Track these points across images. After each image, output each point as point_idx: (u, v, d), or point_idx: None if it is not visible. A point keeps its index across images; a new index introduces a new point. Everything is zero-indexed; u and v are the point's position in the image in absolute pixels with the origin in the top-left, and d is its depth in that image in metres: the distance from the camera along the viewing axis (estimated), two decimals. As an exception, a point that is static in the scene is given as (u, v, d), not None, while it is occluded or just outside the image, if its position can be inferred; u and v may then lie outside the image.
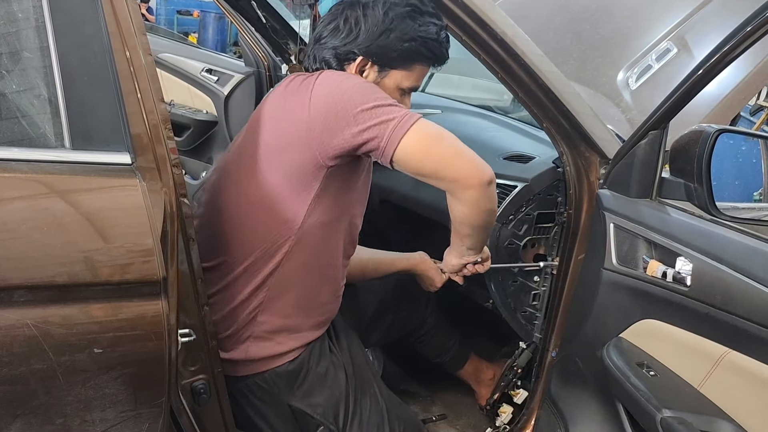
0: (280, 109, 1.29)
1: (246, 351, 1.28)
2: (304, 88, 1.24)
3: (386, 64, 1.28)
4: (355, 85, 1.20)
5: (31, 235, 0.87)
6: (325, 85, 1.22)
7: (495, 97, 2.84)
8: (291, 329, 1.31)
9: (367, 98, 1.17)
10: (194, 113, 3.06)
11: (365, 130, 1.15)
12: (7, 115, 0.92)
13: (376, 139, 1.15)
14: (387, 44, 1.26)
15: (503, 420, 1.80)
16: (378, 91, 1.21)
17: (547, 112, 1.41)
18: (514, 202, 1.62)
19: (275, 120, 1.27)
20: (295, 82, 1.28)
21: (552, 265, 1.60)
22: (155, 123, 0.98)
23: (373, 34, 1.25)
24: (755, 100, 3.09)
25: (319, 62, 1.30)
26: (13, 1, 0.92)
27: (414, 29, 1.26)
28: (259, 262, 1.26)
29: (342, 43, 1.27)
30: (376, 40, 1.25)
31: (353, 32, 1.26)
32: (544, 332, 1.63)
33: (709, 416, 1.11)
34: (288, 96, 1.28)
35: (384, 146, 1.16)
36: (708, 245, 1.14)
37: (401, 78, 1.30)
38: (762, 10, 1.04)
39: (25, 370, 0.89)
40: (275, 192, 1.23)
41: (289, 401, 1.33)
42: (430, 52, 1.29)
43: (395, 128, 1.15)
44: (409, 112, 1.18)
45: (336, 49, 1.27)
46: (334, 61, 1.28)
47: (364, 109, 1.16)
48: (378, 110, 1.16)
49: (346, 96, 1.17)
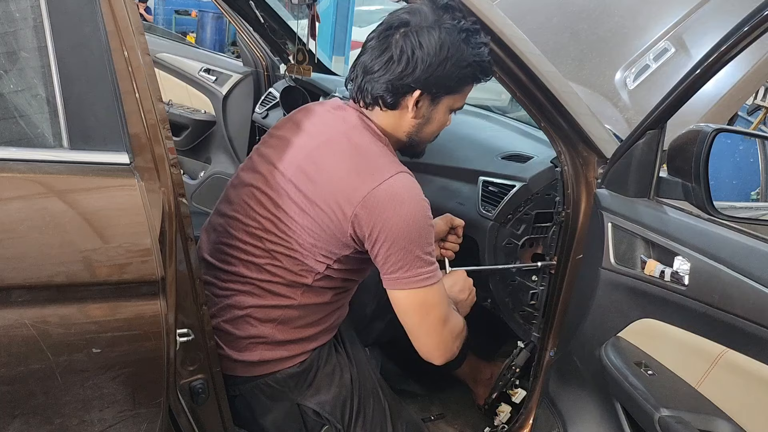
0: (326, 163, 1.24)
1: (260, 354, 1.30)
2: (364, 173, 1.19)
3: (441, 92, 1.26)
4: (416, 230, 1.18)
5: (30, 235, 0.87)
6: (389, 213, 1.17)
7: (493, 96, 2.84)
8: (305, 338, 1.33)
9: (419, 245, 1.19)
10: (192, 113, 3.06)
11: (392, 256, 1.18)
12: (6, 115, 0.92)
13: (395, 268, 1.20)
14: (445, 74, 1.22)
15: (501, 419, 1.80)
16: (431, 235, 1.22)
17: (545, 112, 1.41)
18: (512, 202, 1.62)
19: (315, 173, 1.24)
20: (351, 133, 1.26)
21: (550, 265, 1.60)
22: (153, 123, 0.98)
23: (431, 65, 1.20)
24: (752, 100, 3.10)
25: (373, 98, 1.26)
26: (11, 1, 0.92)
27: (469, 54, 1.22)
28: (278, 287, 1.28)
29: (398, 76, 1.22)
30: (434, 72, 1.21)
31: (410, 65, 1.21)
32: (542, 331, 1.63)
33: (706, 415, 1.11)
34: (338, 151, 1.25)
35: (393, 277, 1.21)
36: (706, 244, 1.15)
37: (453, 101, 1.29)
38: (759, 10, 1.05)
39: (24, 370, 0.89)
40: (300, 239, 1.24)
41: (298, 400, 1.34)
42: (484, 73, 1.28)
43: (413, 277, 1.20)
44: (435, 272, 1.22)
45: (391, 83, 1.23)
46: (389, 96, 1.24)
47: (416, 254, 1.19)
48: (416, 260, 1.19)
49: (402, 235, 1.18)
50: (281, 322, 1.29)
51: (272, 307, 1.28)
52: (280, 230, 1.25)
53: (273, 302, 1.28)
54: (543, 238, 1.67)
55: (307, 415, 1.35)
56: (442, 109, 1.29)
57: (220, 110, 3.02)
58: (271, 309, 1.28)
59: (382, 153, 1.24)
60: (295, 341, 1.32)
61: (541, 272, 1.66)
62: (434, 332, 1.25)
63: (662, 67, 1.78)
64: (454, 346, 1.29)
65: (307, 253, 1.24)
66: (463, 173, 1.83)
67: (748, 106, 3.20)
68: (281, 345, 1.30)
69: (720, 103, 1.54)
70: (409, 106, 1.25)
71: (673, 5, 1.96)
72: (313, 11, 2.17)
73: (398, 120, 1.29)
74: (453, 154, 1.92)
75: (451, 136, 2.04)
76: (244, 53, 2.99)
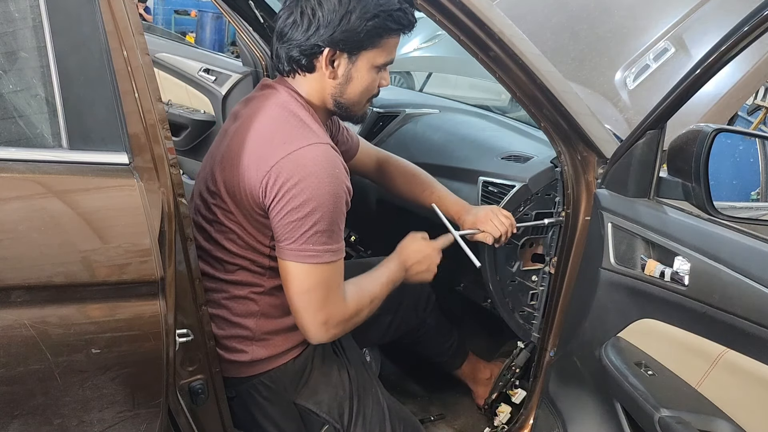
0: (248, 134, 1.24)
1: (251, 353, 1.29)
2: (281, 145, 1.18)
3: (354, 47, 1.22)
4: (314, 205, 1.16)
5: (29, 235, 0.87)
6: (302, 184, 1.16)
7: (493, 96, 2.84)
8: (291, 326, 1.32)
9: (313, 220, 1.17)
10: (192, 113, 3.06)
11: (284, 225, 1.17)
12: (5, 115, 0.92)
13: (283, 237, 1.18)
14: (350, 28, 1.19)
15: (501, 420, 1.80)
16: (331, 213, 1.18)
17: (544, 112, 1.41)
18: (512, 202, 1.62)
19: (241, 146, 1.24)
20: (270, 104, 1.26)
21: (550, 264, 1.60)
22: (153, 123, 0.98)
23: (333, 21, 1.18)
24: (752, 100, 3.11)
25: (288, 62, 1.25)
26: (11, 1, 0.92)
27: (374, 4, 1.19)
28: (242, 275, 1.29)
29: (304, 37, 1.21)
30: (337, 27, 1.19)
31: (313, 23, 1.19)
32: (542, 332, 1.63)
33: (706, 415, 1.12)
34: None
35: (281, 245, 1.19)
36: (706, 245, 1.15)
37: (373, 57, 1.25)
38: (759, 10, 1.04)
39: (23, 370, 0.88)
40: (236, 220, 1.25)
41: (294, 399, 1.34)
42: (397, 23, 1.23)
43: (299, 251, 1.18)
44: (324, 253, 1.19)
45: (300, 46, 1.22)
46: (303, 59, 1.23)
47: (317, 230, 1.17)
48: (308, 235, 1.17)
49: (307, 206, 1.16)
50: (262, 314, 1.30)
51: (245, 298, 1.29)
52: (220, 218, 1.26)
53: (244, 293, 1.28)
54: (543, 238, 1.67)
55: (305, 414, 1.35)
56: (362, 67, 1.25)
57: (220, 110, 3.01)
58: (245, 300, 1.29)
59: (299, 124, 1.22)
60: (280, 332, 1.31)
61: (541, 272, 1.66)
62: (306, 311, 1.22)
63: (662, 67, 1.78)
64: (327, 333, 1.25)
65: (247, 233, 1.24)
66: (463, 173, 1.82)
67: (748, 106, 3.20)
68: (268, 339, 1.30)
69: (720, 103, 1.54)
70: (323, 67, 1.24)
71: (673, 5, 1.96)
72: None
73: (320, 84, 1.27)
74: (453, 154, 1.92)
75: (451, 136, 2.04)
76: (244, 53, 2.98)
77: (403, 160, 1.70)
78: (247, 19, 2.48)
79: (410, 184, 1.66)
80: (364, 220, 1.38)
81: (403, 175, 1.68)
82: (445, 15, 1.29)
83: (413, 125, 2.18)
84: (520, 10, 2.05)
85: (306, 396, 1.35)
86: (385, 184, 1.71)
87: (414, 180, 1.66)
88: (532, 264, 1.70)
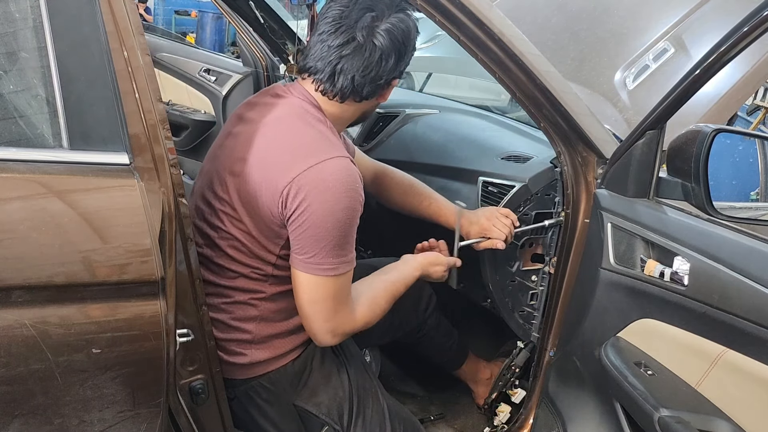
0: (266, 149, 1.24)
1: (250, 355, 1.30)
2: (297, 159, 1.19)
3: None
4: (332, 221, 1.18)
5: (29, 235, 0.87)
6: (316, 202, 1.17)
7: (493, 96, 2.84)
8: (290, 331, 1.33)
9: (330, 235, 1.18)
10: (192, 113, 3.06)
11: (302, 238, 1.19)
12: (5, 116, 0.92)
13: (301, 251, 1.20)
14: (408, 58, 1.30)
15: (501, 419, 1.80)
16: (346, 227, 1.20)
17: (544, 112, 1.41)
18: (512, 202, 1.62)
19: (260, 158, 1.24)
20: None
21: (550, 265, 1.60)
22: (153, 123, 0.98)
23: (401, 53, 1.26)
24: (752, 100, 3.11)
25: (346, 92, 1.26)
26: (11, 1, 0.92)
27: (405, 65, 1.30)
28: (244, 282, 1.29)
29: (378, 72, 1.25)
30: (405, 59, 1.29)
31: (389, 58, 1.25)
32: (542, 332, 1.63)
33: (706, 415, 1.12)
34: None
35: (298, 258, 1.21)
36: (705, 245, 1.15)
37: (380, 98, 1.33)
38: (759, 10, 1.05)
39: (24, 370, 0.89)
40: (245, 228, 1.25)
41: (293, 401, 1.34)
42: None
43: (313, 264, 1.20)
44: (339, 266, 1.21)
45: (371, 78, 1.25)
46: (366, 90, 1.27)
47: (334, 245, 1.19)
48: (324, 250, 1.19)
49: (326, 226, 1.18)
50: (262, 319, 1.30)
51: (245, 303, 1.29)
52: (226, 225, 1.26)
53: (244, 298, 1.28)
54: (542, 238, 1.67)
55: (304, 416, 1.35)
56: (393, 87, 1.33)
57: (220, 110, 3.02)
58: (245, 305, 1.29)
59: (321, 137, 1.23)
60: (280, 335, 1.32)
61: (541, 272, 1.66)
62: (315, 320, 1.25)
63: (662, 67, 1.78)
64: (334, 339, 1.28)
65: (255, 242, 1.25)
66: (462, 173, 1.82)
67: (748, 106, 3.20)
68: (268, 342, 1.31)
69: (720, 103, 1.55)
70: (385, 95, 1.30)
71: (672, 5, 1.96)
72: (313, 11, 2.17)
73: (351, 106, 1.30)
74: (453, 154, 1.92)
75: (451, 136, 2.04)
76: (244, 53, 2.98)
77: (399, 172, 1.72)
78: (247, 19, 2.49)
79: (408, 195, 1.68)
80: (363, 221, 1.38)
81: (399, 185, 1.69)
82: (445, 15, 1.29)
83: (413, 125, 2.18)
84: (520, 11, 2.05)
85: (305, 397, 1.35)
86: (382, 196, 1.73)
87: (411, 191, 1.68)
88: (532, 264, 1.70)
